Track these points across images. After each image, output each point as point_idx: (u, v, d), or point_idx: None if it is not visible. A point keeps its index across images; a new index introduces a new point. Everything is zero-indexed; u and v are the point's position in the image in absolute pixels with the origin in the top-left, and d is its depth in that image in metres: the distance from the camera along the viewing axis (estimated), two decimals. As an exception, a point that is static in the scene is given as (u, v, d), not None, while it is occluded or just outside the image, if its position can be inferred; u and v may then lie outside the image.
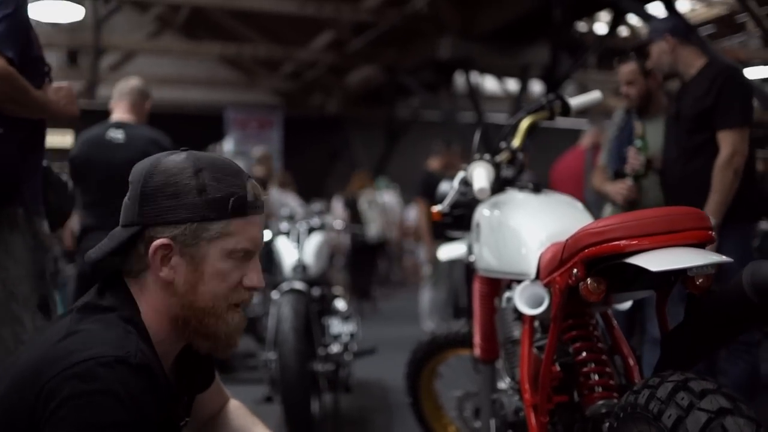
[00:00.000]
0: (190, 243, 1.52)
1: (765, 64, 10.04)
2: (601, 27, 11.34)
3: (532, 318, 2.38)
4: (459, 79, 13.03)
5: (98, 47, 11.94)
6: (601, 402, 2.15)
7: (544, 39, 10.80)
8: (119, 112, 4.71)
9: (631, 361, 2.30)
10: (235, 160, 1.73)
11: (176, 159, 1.56)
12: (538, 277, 2.31)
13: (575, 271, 1.83)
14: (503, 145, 2.96)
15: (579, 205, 2.63)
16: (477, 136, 3.03)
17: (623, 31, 11.39)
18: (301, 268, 4.63)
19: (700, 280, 1.74)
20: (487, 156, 2.80)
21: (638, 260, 1.65)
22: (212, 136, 15.76)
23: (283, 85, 16.02)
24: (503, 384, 2.75)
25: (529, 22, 10.40)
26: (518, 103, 12.18)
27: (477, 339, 3.07)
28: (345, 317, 4.62)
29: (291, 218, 5.28)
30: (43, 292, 2.58)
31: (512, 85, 14.15)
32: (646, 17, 8.77)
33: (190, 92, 15.62)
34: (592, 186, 4.58)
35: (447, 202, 2.85)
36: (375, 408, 5.05)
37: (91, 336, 1.45)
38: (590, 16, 10.89)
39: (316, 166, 16.31)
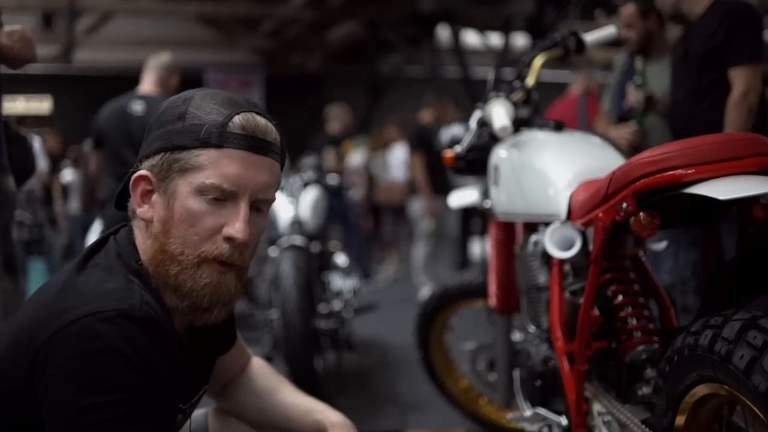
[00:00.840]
0: (164, 176, 1.35)
1: None
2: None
3: (562, 261, 2.26)
4: (441, 34, 12.85)
5: (74, 9, 11.63)
6: (641, 347, 2.04)
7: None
8: (145, 85, 4.91)
9: (668, 305, 2.19)
10: None
11: (186, 92, 1.42)
12: (569, 218, 2.19)
13: (625, 205, 1.69)
14: (517, 83, 2.81)
15: (605, 142, 2.50)
16: (491, 75, 2.88)
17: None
18: (297, 224, 4.49)
19: (761, 211, 1.62)
20: (504, 94, 2.66)
21: (704, 190, 1.51)
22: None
23: (262, 43, 15.72)
24: (524, 334, 2.64)
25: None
26: (502, 56, 12.02)
27: (493, 288, 2.94)
28: (346, 273, 4.49)
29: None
30: (7, 249, 2.46)
31: (494, 39, 13.95)
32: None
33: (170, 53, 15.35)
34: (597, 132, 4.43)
35: (465, 143, 2.71)
36: (378, 365, 4.94)
37: (88, 289, 1.30)
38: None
39: (298, 125, 16.08)
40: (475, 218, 7.31)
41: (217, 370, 1.65)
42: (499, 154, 2.59)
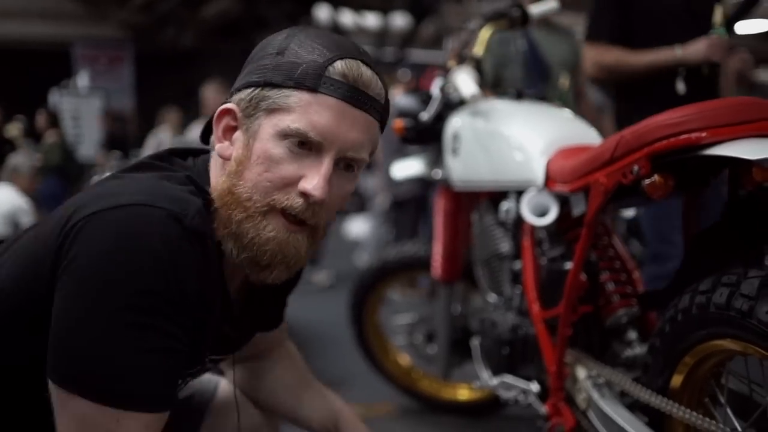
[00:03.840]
0: (251, 113, 1.23)
1: None
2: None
3: (534, 229, 2.27)
4: (320, 14, 12.76)
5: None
6: (622, 311, 2.07)
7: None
8: None
9: (633, 269, 2.23)
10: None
11: (291, 28, 1.29)
12: (546, 185, 2.20)
13: (637, 168, 1.70)
14: (466, 53, 2.81)
15: (566, 111, 2.53)
16: (450, 44, 2.86)
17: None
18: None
19: (760, 173, 1.66)
20: (466, 62, 2.65)
21: (730, 151, 1.53)
22: (60, 73, 14.89)
23: (133, 18, 15.20)
24: (483, 303, 2.65)
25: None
26: (382, 36, 12.09)
27: (438, 259, 2.94)
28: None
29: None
30: None
31: (371, 19, 13.98)
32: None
33: (35, 26, 14.61)
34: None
35: (432, 111, 2.68)
36: (297, 342, 4.86)
37: (142, 183, 1.18)
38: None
39: (171, 103, 15.69)
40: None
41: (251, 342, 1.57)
42: (459, 123, 2.58)
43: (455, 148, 2.58)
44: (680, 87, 2.89)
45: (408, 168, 3.18)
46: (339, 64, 1.21)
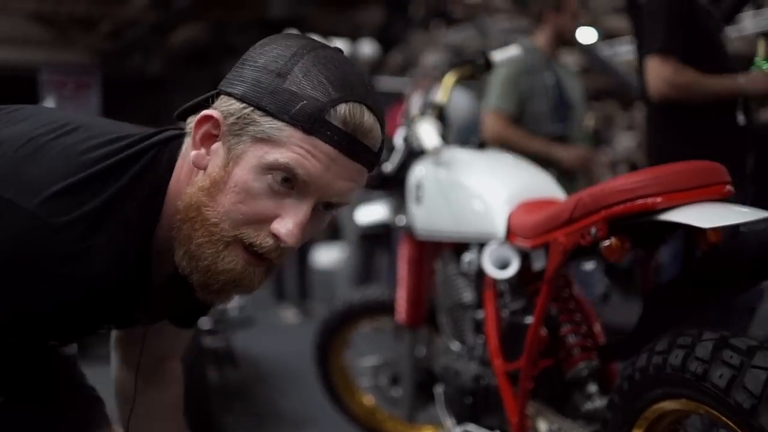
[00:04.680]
0: (236, 132, 1.16)
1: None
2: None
3: (496, 281, 2.29)
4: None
5: None
6: (582, 364, 2.10)
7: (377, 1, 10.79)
8: None
9: (594, 321, 2.26)
10: None
11: (301, 38, 1.23)
12: (507, 238, 2.22)
13: (594, 230, 1.74)
14: (429, 100, 2.84)
15: (528, 163, 2.56)
16: (412, 96, 2.89)
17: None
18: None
19: (714, 235, 1.70)
20: (429, 111, 2.68)
21: (685, 218, 1.57)
22: (27, 98, 14.74)
23: (100, 44, 15.16)
24: (447, 351, 2.67)
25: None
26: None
27: (402, 304, 2.96)
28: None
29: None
30: None
31: (340, 45, 14.03)
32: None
33: (1, 51, 14.53)
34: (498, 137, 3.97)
35: (395, 162, 2.70)
36: (262, 381, 4.86)
37: (51, 166, 1.16)
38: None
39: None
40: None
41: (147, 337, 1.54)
42: (422, 172, 2.61)
43: (418, 196, 2.61)
44: (740, 118, 2.88)
45: (372, 213, 3.20)
46: (342, 109, 1.15)
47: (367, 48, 12.31)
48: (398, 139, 2.75)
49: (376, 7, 10.99)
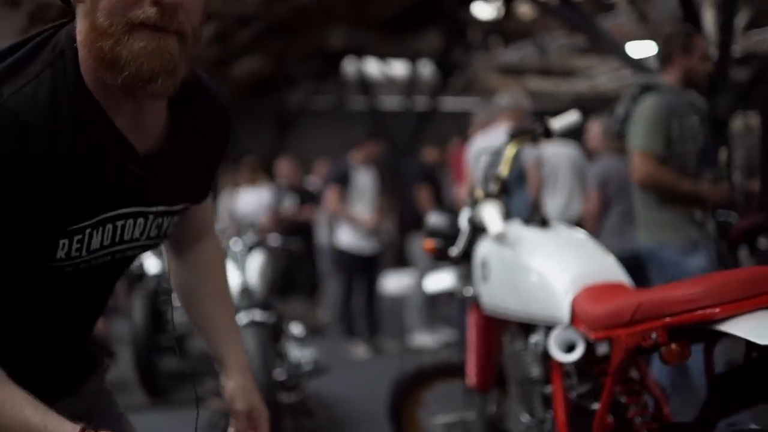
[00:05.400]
0: None
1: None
2: (483, 10, 11.42)
3: (562, 362, 2.36)
4: (347, 66, 12.95)
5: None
6: (649, 447, 2.15)
7: (435, 26, 10.84)
8: None
9: (662, 400, 2.30)
10: None
11: None
12: (571, 322, 2.29)
13: (654, 336, 1.80)
14: (491, 173, 2.92)
15: (590, 240, 2.62)
16: (483, 163, 2.97)
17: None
18: (246, 292, 4.50)
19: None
20: (492, 189, 2.75)
21: (742, 331, 1.63)
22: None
23: (165, 79, 15.53)
24: (517, 422, 2.73)
25: (420, 8, 10.40)
26: (410, 87, 12.24)
27: (472, 368, 3.03)
28: (302, 342, 4.50)
29: (222, 235, 5.12)
30: None
31: (399, 68, 14.16)
32: (539, 4, 8.92)
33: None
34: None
35: (461, 247, 2.78)
36: (338, 426, 4.97)
37: None
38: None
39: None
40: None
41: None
42: (487, 250, 2.68)
43: (484, 274, 2.69)
44: None
45: (440, 281, 3.29)
46: None
47: (428, 68, 12.40)
48: (463, 221, 2.82)
49: (434, 32, 11.04)
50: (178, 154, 1.48)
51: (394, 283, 10.05)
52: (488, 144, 5.03)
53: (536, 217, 2.67)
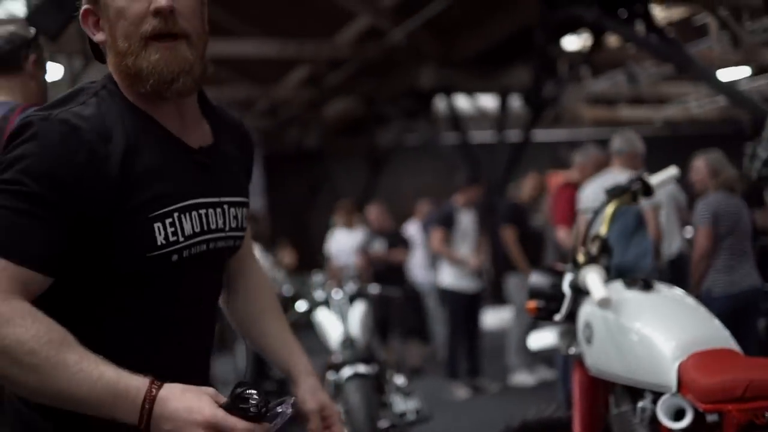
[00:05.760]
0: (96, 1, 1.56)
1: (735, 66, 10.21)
2: (571, 42, 11.38)
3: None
4: (438, 103, 13.04)
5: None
6: None
7: (523, 61, 10.85)
8: None
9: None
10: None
11: None
12: (678, 390, 2.29)
13: (768, 414, 1.81)
14: (591, 233, 2.94)
15: (695, 303, 2.62)
16: (580, 224, 3.00)
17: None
18: (349, 342, 4.59)
19: None
20: (593, 250, 2.78)
21: None
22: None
23: (259, 122, 15.92)
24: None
25: (509, 45, 10.44)
26: (500, 121, 12.25)
27: (577, 427, 3.04)
28: (406, 393, 4.56)
29: (323, 285, 5.24)
30: None
31: (489, 101, 14.19)
32: (628, 36, 8.86)
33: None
34: None
35: (564, 312, 2.82)
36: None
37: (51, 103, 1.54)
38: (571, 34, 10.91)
39: (298, 201, 16.23)
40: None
41: None
42: (591, 312, 2.70)
43: (588, 337, 2.71)
44: None
45: (544, 339, 3.31)
46: None
47: (518, 101, 12.39)
48: (565, 286, 2.85)
49: (523, 67, 11.06)
50: (223, 150, 1.71)
51: (492, 319, 10.07)
52: (600, 190, 5.02)
53: (638, 281, 2.68)
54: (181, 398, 1.35)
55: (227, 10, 11.77)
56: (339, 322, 4.77)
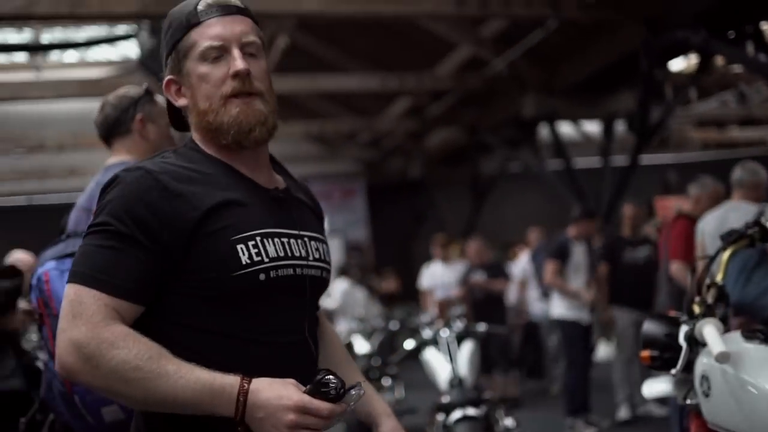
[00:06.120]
0: (179, 68, 1.75)
1: None
2: (678, 64, 11.14)
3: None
4: (540, 131, 12.94)
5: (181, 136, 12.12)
6: None
7: (628, 86, 10.66)
8: None
9: None
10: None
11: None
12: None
13: None
14: (708, 281, 2.87)
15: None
16: (691, 279, 2.93)
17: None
18: (457, 382, 4.57)
19: None
20: (710, 299, 2.71)
21: None
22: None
23: (362, 153, 16.11)
24: None
25: (612, 71, 10.29)
26: (605, 147, 12.04)
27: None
28: (514, 432, 4.53)
29: (431, 324, 5.24)
30: None
31: (593, 126, 14.01)
32: (738, 58, 8.63)
33: (271, 170, 15.71)
34: None
35: (680, 366, 2.75)
36: None
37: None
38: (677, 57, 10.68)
39: (401, 231, 16.32)
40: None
41: None
42: (708, 365, 2.63)
43: (705, 390, 2.63)
44: None
45: (658, 388, 3.23)
46: (200, 2, 1.74)
47: (622, 128, 12.17)
48: (681, 339, 2.78)
49: (628, 92, 10.86)
50: (295, 196, 1.86)
51: (601, 352, 9.89)
52: (720, 223, 4.88)
53: (757, 334, 2.60)
54: (271, 388, 1.53)
55: (333, 46, 12.01)
56: (447, 362, 4.77)
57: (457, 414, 4.20)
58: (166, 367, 1.52)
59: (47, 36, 13.47)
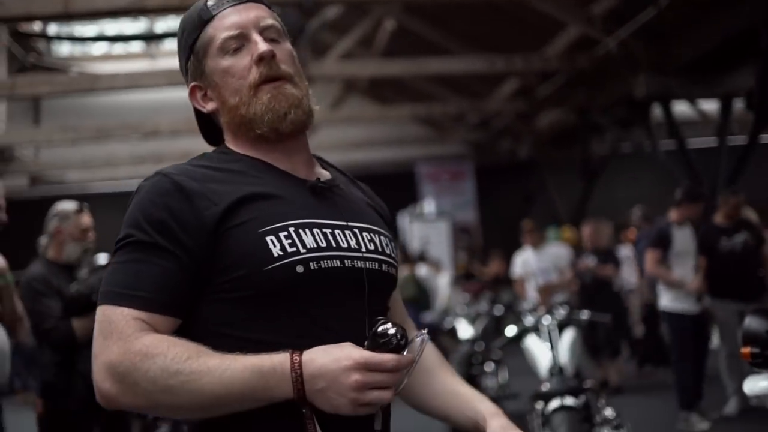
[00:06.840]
0: (200, 70, 1.67)
1: None
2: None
3: None
4: (653, 110, 12.57)
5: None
6: None
7: (747, 63, 10.22)
8: None
9: None
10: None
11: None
12: None
13: None
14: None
15: None
16: None
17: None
18: (558, 370, 4.51)
19: None
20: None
21: None
22: (406, 194, 15.92)
23: (471, 135, 16.01)
24: None
25: (730, 47, 9.89)
26: (722, 127, 11.59)
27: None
28: (615, 427, 4.42)
29: (532, 311, 5.19)
30: None
31: (710, 104, 13.52)
32: None
33: (379, 152, 15.82)
34: None
35: None
36: None
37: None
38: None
39: (510, 212, 16.16)
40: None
41: None
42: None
43: (809, 388, 2.53)
44: None
45: (760, 385, 3.12)
46: None
47: (740, 106, 11.67)
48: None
49: (747, 69, 10.40)
50: (344, 189, 1.73)
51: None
52: None
53: None
54: (325, 354, 1.40)
55: (439, 28, 11.96)
56: (548, 350, 4.70)
57: (555, 403, 4.14)
58: (207, 364, 1.40)
59: (161, 25, 13.86)
